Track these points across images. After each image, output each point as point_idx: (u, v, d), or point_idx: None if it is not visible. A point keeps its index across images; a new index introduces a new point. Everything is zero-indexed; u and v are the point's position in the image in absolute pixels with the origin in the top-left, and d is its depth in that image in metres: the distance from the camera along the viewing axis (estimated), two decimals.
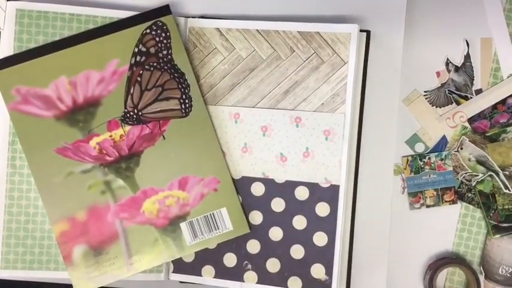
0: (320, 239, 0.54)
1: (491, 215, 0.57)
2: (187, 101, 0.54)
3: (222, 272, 0.54)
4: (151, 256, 0.54)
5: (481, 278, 0.57)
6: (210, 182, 0.54)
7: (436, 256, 0.58)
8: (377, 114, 0.56)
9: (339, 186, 0.54)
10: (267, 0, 0.57)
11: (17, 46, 0.54)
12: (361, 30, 0.55)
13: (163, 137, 0.54)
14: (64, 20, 0.55)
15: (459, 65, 0.57)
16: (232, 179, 0.55)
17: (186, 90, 0.54)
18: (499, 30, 0.57)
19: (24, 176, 0.55)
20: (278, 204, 0.54)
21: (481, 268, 0.57)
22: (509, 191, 0.56)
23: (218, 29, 0.55)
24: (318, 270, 0.54)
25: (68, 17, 0.55)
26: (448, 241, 0.58)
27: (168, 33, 0.54)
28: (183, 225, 0.54)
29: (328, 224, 0.54)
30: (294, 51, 0.54)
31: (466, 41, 0.57)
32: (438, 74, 0.57)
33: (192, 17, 0.55)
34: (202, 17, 0.56)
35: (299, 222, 0.54)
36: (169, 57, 0.54)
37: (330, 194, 0.53)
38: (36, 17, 0.54)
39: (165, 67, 0.54)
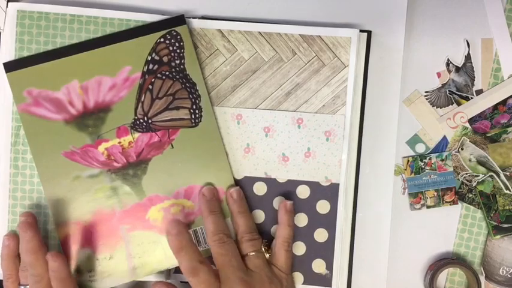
0: (321, 235, 0.57)
1: (491, 215, 0.58)
2: (197, 111, 0.56)
3: None
4: (154, 262, 0.56)
5: (482, 278, 0.58)
6: None
7: (436, 257, 0.60)
8: (378, 115, 0.58)
9: (338, 184, 0.57)
10: (268, 2, 0.59)
11: (18, 47, 0.56)
12: (362, 31, 0.57)
13: (172, 145, 0.56)
14: (65, 21, 0.56)
15: (460, 66, 0.59)
16: (235, 179, 0.57)
17: (197, 101, 0.56)
18: (499, 30, 0.59)
19: (26, 176, 0.57)
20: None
21: (482, 269, 0.59)
22: (510, 191, 0.59)
23: (220, 30, 0.57)
24: (319, 265, 0.57)
25: (68, 18, 0.56)
26: (448, 242, 0.60)
27: (182, 43, 0.56)
28: None
29: (329, 221, 0.57)
30: (296, 54, 0.57)
31: (467, 41, 0.59)
32: (439, 74, 0.59)
33: (193, 18, 0.57)
34: (203, 17, 0.58)
35: (300, 219, 0.57)
36: (181, 66, 0.56)
37: (330, 192, 0.57)
38: (37, 18, 0.56)
39: (177, 76, 0.56)
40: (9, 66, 0.56)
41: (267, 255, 0.55)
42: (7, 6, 0.57)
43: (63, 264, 0.52)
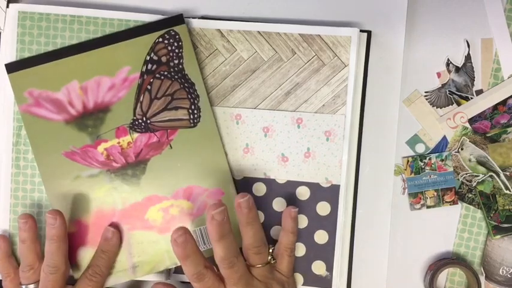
0: (321, 237, 0.57)
1: (491, 215, 0.58)
2: (196, 111, 0.56)
3: None
4: (153, 262, 0.56)
5: (482, 278, 0.58)
6: (215, 193, 0.56)
7: (436, 257, 0.60)
8: (378, 115, 0.59)
9: (339, 186, 0.57)
10: (268, 2, 0.59)
11: (19, 48, 0.57)
12: (361, 31, 0.57)
13: (171, 146, 0.56)
14: (65, 21, 0.57)
15: (460, 66, 0.59)
16: (234, 180, 0.57)
17: (196, 101, 0.56)
18: (499, 30, 0.59)
19: (28, 176, 0.57)
20: (280, 204, 0.57)
21: (482, 269, 0.59)
22: (510, 191, 0.58)
23: (219, 30, 0.57)
24: (319, 267, 0.57)
25: (69, 19, 0.57)
26: (448, 242, 0.60)
27: (180, 43, 0.56)
28: None
29: (329, 223, 0.57)
30: (295, 53, 0.57)
31: (467, 41, 0.59)
32: (439, 74, 0.59)
33: (193, 18, 0.57)
34: (203, 17, 0.58)
35: (300, 221, 0.57)
36: (180, 66, 0.56)
37: (331, 193, 0.57)
38: (38, 19, 0.57)
39: (176, 76, 0.56)
40: (11, 67, 0.56)
41: (269, 258, 0.55)
42: (7, 7, 0.57)
43: (63, 223, 0.53)
